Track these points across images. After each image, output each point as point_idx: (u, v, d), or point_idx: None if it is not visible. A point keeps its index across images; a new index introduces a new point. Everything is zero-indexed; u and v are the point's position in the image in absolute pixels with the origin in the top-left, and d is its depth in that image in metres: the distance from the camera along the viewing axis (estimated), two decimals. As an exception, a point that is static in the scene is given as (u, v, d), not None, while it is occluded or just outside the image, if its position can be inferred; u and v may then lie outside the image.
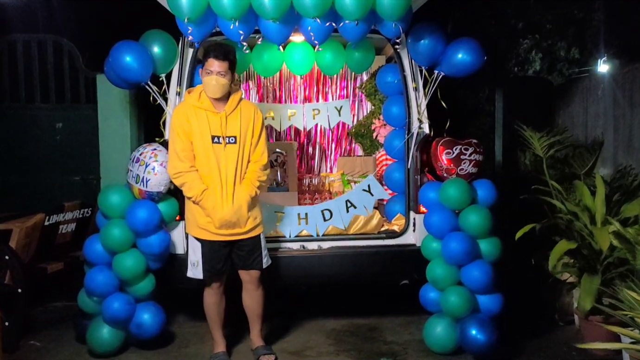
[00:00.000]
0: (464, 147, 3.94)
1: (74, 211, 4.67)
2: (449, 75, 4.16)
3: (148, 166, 3.66)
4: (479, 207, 3.78)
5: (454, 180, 3.84)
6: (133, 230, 3.68)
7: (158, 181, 3.67)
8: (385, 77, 4.53)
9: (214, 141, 3.40)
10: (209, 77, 3.35)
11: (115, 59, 3.83)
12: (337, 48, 4.42)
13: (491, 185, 3.92)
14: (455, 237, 3.67)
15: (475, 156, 3.94)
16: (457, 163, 3.90)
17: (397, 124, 4.42)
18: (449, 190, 3.78)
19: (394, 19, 3.50)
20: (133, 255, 3.72)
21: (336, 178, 4.75)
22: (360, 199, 4.21)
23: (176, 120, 3.46)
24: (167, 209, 3.85)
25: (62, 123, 5.84)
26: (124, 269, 3.69)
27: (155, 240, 3.73)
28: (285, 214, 4.15)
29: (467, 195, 3.76)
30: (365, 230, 4.22)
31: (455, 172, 3.90)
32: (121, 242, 3.69)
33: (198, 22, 3.52)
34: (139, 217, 3.64)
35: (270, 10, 3.30)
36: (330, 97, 5.25)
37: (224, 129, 3.42)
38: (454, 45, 4.07)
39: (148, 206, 3.70)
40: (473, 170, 3.92)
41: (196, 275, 3.56)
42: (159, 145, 3.84)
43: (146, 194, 3.71)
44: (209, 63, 3.34)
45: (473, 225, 3.71)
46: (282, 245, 4.09)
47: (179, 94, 4.00)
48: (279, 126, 5.02)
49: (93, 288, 3.73)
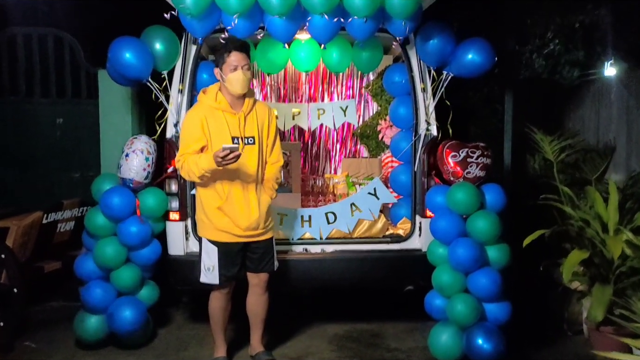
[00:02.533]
0: (470, 150, 3.84)
1: (72, 209, 4.62)
2: (458, 76, 4.07)
3: (123, 152, 3.81)
4: (488, 213, 3.68)
5: (462, 184, 3.74)
6: (109, 218, 3.73)
7: (129, 167, 3.78)
8: (392, 77, 4.43)
9: (234, 142, 3.29)
10: (236, 72, 3.22)
11: (114, 56, 3.77)
12: (345, 46, 4.34)
13: (500, 189, 3.83)
14: (462, 243, 3.57)
15: (483, 159, 3.84)
16: (464, 166, 3.80)
17: (404, 126, 4.33)
18: (457, 194, 3.68)
19: (404, 17, 3.39)
20: (113, 242, 3.79)
21: (341, 180, 4.67)
22: (366, 202, 4.13)
23: (192, 123, 3.32)
24: (151, 201, 3.82)
25: (62, 118, 5.74)
26: (105, 257, 3.75)
27: (147, 252, 3.83)
28: (289, 216, 4.07)
29: (475, 200, 3.66)
30: (370, 234, 4.15)
31: (462, 175, 3.80)
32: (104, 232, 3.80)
33: (202, 17, 3.40)
34: (111, 202, 3.71)
35: (276, 5, 3.20)
36: (335, 97, 5.17)
37: (242, 129, 3.32)
38: (463, 45, 3.97)
39: (120, 192, 3.75)
40: (481, 174, 3.82)
41: (212, 280, 3.45)
42: (142, 136, 3.89)
43: (122, 182, 3.82)
44: (232, 58, 3.20)
45: (481, 231, 3.61)
46: (285, 248, 4.00)
47: (181, 92, 3.92)
48: (282, 126, 4.95)
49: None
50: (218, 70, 3.32)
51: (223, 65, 3.27)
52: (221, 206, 3.36)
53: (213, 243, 3.43)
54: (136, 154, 3.80)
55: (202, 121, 3.30)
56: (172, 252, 3.93)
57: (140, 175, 3.83)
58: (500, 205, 3.78)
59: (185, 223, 3.92)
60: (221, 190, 3.36)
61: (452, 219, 3.70)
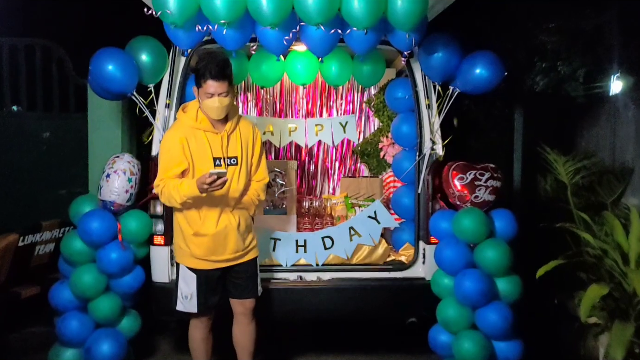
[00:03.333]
0: (479, 172, 3.60)
1: (52, 230, 4.40)
2: (465, 91, 3.84)
3: (104, 173, 3.61)
4: (497, 242, 3.42)
5: (470, 209, 3.46)
6: (87, 243, 3.51)
7: (110, 189, 3.55)
8: (395, 92, 4.21)
9: (216, 164, 3.09)
10: (211, 100, 3.00)
11: (96, 68, 3.55)
12: (344, 59, 4.13)
13: (511, 216, 3.58)
14: (469, 275, 3.31)
15: (492, 182, 3.59)
16: (472, 190, 3.55)
17: (407, 144, 4.10)
18: (464, 221, 3.41)
19: (407, 28, 3.12)
20: (92, 270, 3.56)
21: (339, 201, 4.41)
22: (366, 226, 3.87)
23: (172, 144, 3.08)
24: (134, 225, 3.59)
25: (49, 132, 5.58)
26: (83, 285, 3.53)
27: (128, 280, 3.61)
28: (282, 240, 3.83)
29: (484, 228, 3.39)
30: (370, 260, 3.89)
31: (469, 199, 3.53)
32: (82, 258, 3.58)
33: (188, 27, 3.14)
34: (90, 227, 3.48)
35: (268, 15, 2.93)
36: (334, 112, 4.95)
37: (225, 149, 3.12)
38: (470, 58, 3.74)
39: (100, 216, 3.53)
40: (489, 198, 3.57)
41: (189, 309, 3.24)
42: (125, 154, 3.70)
43: (102, 204, 3.59)
44: (208, 86, 2.97)
45: (490, 261, 3.34)
46: (278, 275, 3.77)
47: (168, 106, 3.71)
48: (278, 142, 4.73)
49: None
50: (196, 90, 3.11)
51: (200, 89, 3.05)
52: (198, 231, 3.14)
53: (192, 270, 3.22)
54: (118, 175, 3.59)
55: (183, 142, 3.07)
56: (156, 278, 3.69)
57: (123, 197, 3.60)
58: (511, 233, 3.53)
59: (170, 247, 3.68)
60: (197, 215, 3.14)
61: (459, 247, 3.44)
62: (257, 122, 4.52)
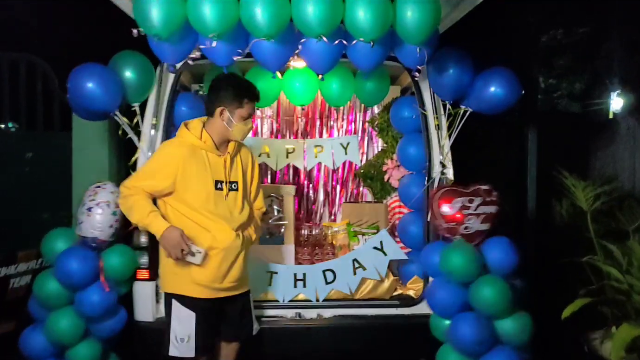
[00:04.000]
0: (468, 198, 3.27)
1: (29, 262, 4.06)
2: (478, 111, 3.58)
3: (84, 206, 3.26)
4: (493, 278, 3.07)
5: (457, 245, 3.15)
6: (66, 286, 3.15)
7: (92, 224, 3.19)
8: (400, 111, 3.95)
9: (217, 187, 2.91)
10: (246, 122, 2.95)
11: (75, 86, 3.26)
12: (346, 76, 3.89)
13: (508, 245, 3.21)
14: (464, 321, 3.00)
15: (485, 208, 3.26)
16: (459, 221, 3.24)
17: (414, 167, 3.84)
18: (452, 259, 3.09)
19: (418, 41, 2.82)
20: (69, 314, 3.20)
21: (341, 228, 4.13)
22: (371, 258, 3.58)
23: (168, 158, 2.87)
24: (117, 261, 3.25)
25: (32, 152, 5.29)
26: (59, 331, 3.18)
27: (111, 322, 3.28)
28: (279, 273, 3.55)
29: (474, 265, 3.07)
30: (375, 294, 3.63)
31: (458, 232, 3.22)
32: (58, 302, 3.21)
33: (174, 40, 2.83)
34: (69, 268, 3.11)
35: (263, 25, 2.63)
36: (335, 132, 4.73)
37: (228, 173, 2.96)
38: (484, 76, 3.48)
39: (80, 255, 3.16)
40: (483, 227, 3.25)
41: (185, 353, 2.90)
42: (108, 184, 3.38)
43: (81, 240, 3.26)
44: (248, 107, 2.93)
45: (487, 302, 3.01)
46: (274, 312, 3.51)
47: (154, 127, 3.48)
48: (275, 165, 4.45)
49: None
50: (225, 110, 2.90)
51: (235, 109, 2.91)
52: (211, 245, 2.88)
53: (189, 306, 2.90)
54: (101, 208, 3.23)
55: (179, 161, 2.85)
56: (140, 317, 3.39)
57: (106, 233, 3.25)
58: (509, 266, 3.16)
59: (156, 282, 3.40)
60: (203, 236, 2.88)
61: (451, 288, 3.13)
62: (252, 144, 4.30)
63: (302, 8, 2.62)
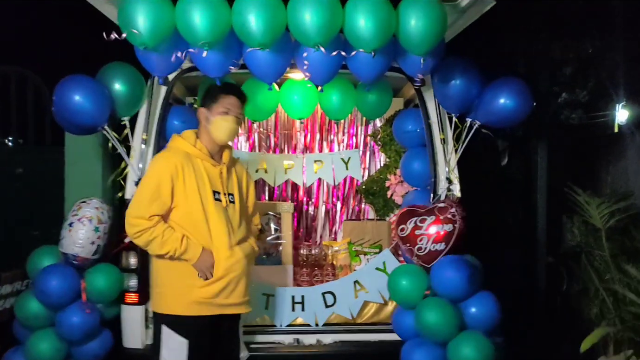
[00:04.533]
0: (421, 217, 3.15)
1: (13, 282, 3.86)
2: (487, 124, 3.45)
3: (66, 221, 3.18)
4: (474, 335, 2.93)
5: (431, 302, 2.99)
6: (45, 305, 3.08)
7: (73, 240, 3.10)
8: (404, 124, 3.78)
9: (215, 197, 2.79)
10: (226, 117, 2.79)
11: (60, 99, 3.14)
12: (346, 87, 3.75)
13: (490, 300, 3.06)
14: None
15: (438, 227, 3.13)
16: (413, 242, 3.13)
17: (419, 184, 3.68)
18: (425, 316, 2.96)
19: (422, 51, 2.66)
20: (50, 336, 3.09)
21: (341, 248, 3.96)
22: (373, 280, 3.43)
23: (165, 167, 2.73)
24: (102, 282, 3.12)
25: (23, 168, 5.19)
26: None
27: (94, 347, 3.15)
28: (276, 296, 3.42)
29: (452, 323, 2.94)
30: (378, 318, 3.50)
31: (413, 255, 3.12)
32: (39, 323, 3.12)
33: (162, 49, 2.68)
34: (48, 286, 3.01)
35: (257, 33, 2.47)
36: (336, 147, 4.59)
37: (225, 184, 2.86)
38: (493, 87, 3.34)
39: (60, 272, 3.06)
40: (437, 247, 3.12)
41: None
42: (94, 199, 3.27)
43: (63, 258, 3.16)
44: (225, 101, 2.80)
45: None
46: (270, 338, 3.38)
47: (145, 142, 3.36)
48: (272, 181, 4.30)
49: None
50: (204, 110, 2.84)
51: (213, 105, 2.81)
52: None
53: (182, 331, 2.73)
54: (82, 223, 3.13)
55: (176, 171, 2.70)
56: (128, 344, 3.26)
57: (88, 250, 3.13)
58: (492, 320, 3.03)
59: (145, 307, 3.25)
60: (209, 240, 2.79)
61: (427, 349, 3.02)
62: (248, 159, 4.16)
63: (298, 15, 2.47)
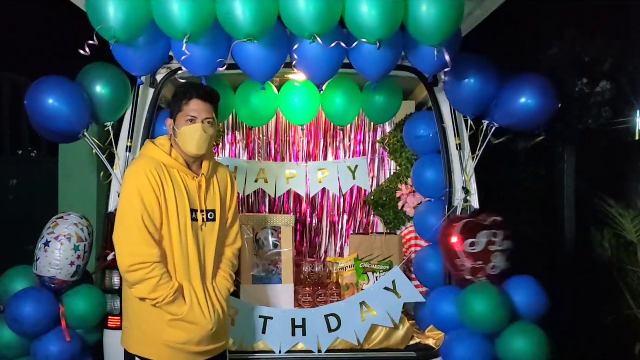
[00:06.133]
0: (492, 232, 2.85)
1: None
2: (504, 126, 3.18)
3: (41, 239, 2.87)
4: (526, 326, 2.69)
5: (480, 289, 2.73)
6: (18, 333, 2.77)
7: (48, 261, 2.81)
8: (415, 129, 3.55)
9: (192, 217, 2.49)
10: (193, 126, 2.45)
11: (33, 102, 2.86)
12: (351, 89, 3.47)
13: (534, 284, 2.82)
14: None
15: (507, 243, 2.87)
16: (486, 258, 2.83)
17: (432, 194, 3.43)
18: (475, 306, 2.68)
19: (435, 41, 2.35)
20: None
21: (347, 264, 3.66)
22: (382, 301, 3.12)
23: (141, 182, 2.39)
24: (82, 306, 2.85)
25: (16, 179, 5.21)
26: None
27: None
28: (275, 319, 3.11)
29: (504, 312, 2.68)
30: (388, 344, 3.18)
31: (483, 273, 2.81)
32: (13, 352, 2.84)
33: (139, 45, 2.40)
34: (21, 313, 2.72)
35: (244, 23, 2.16)
36: (341, 154, 4.31)
37: (202, 199, 2.53)
38: (513, 85, 3.05)
39: (34, 298, 2.76)
40: (506, 265, 2.87)
41: None
42: (72, 214, 2.96)
43: (39, 280, 2.87)
44: (192, 106, 2.46)
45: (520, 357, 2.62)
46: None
47: (129, 149, 3.11)
48: (273, 191, 4.02)
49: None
50: (170, 122, 2.52)
51: (178, 114, 2.49)
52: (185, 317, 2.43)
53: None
54: (60, 242, 2.81)
55: (153, 182, 2.38)
56: None
57: (66, 271, 2.82)
58: (539, 308, 2.79)
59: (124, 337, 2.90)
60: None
61: (474, 342, 2.72)
62: (247, 168, 3.88)
63: (291, 1, 2.16)
